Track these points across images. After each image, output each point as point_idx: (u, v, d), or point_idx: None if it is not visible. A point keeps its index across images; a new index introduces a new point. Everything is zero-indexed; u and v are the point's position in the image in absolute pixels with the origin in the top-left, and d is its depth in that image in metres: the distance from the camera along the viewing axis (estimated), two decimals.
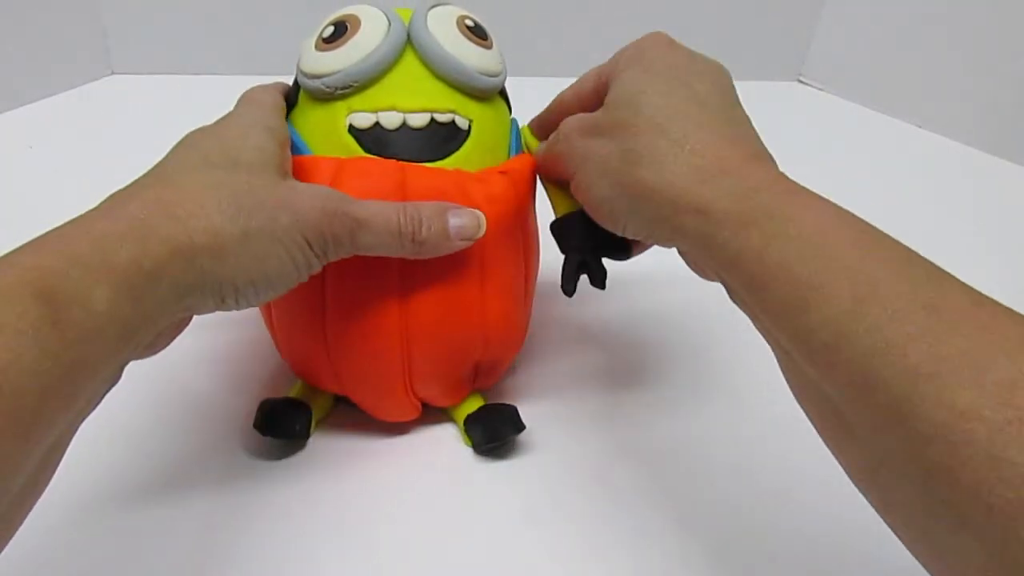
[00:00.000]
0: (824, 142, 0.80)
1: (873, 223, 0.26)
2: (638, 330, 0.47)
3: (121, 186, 0.29)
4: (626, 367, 0.44)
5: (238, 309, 0.29)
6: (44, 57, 0.71)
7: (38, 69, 0.70)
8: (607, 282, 0.38)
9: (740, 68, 1.00)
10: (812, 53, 0.89)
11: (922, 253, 0.44)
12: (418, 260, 0.32)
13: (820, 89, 0.89)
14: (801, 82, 0.90)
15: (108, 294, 0.23)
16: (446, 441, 0.38)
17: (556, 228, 0.37)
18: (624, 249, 0.36)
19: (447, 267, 0.33)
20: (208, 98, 0.75)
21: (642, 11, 0.84)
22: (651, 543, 0.34)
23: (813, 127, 0.83)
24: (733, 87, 0.33)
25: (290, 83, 0.37)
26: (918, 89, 0.80)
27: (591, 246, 0.36)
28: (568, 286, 0.36)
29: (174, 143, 0.32)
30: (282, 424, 0.36)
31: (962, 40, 0.77)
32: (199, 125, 0.34)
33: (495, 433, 0.37)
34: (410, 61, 0.34)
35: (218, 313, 0.45)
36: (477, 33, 0.35)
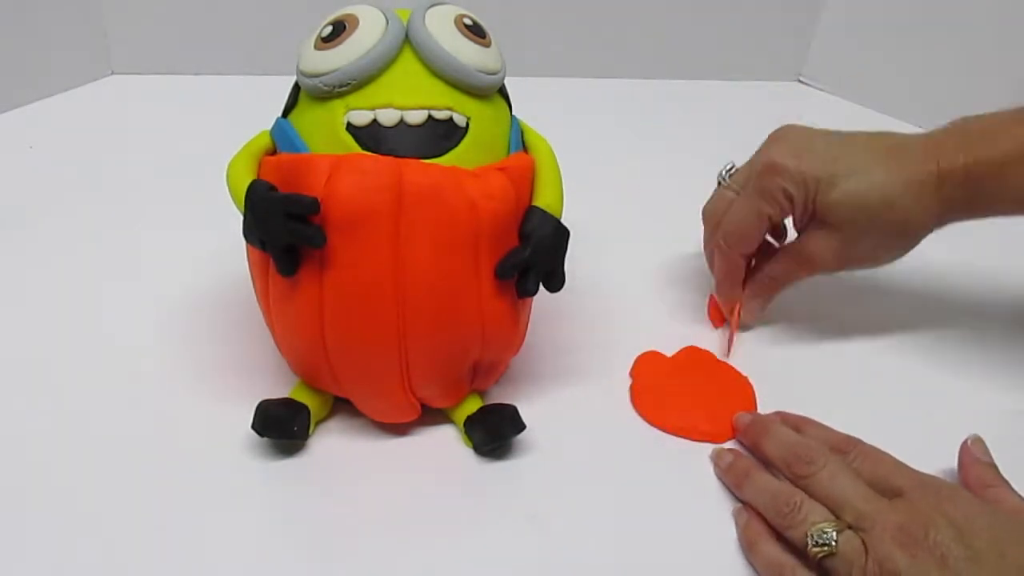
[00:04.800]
0: None
1: None
2: (639, 330, 0.47)
3: (121, 185, 0.30)
4: (626, 366, 0.44)
5: None
6: (44, 57, 0.70)
7: (38, 69, 0.70)
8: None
9: (740, 68, 1.00)
10: (812, 53, 0.88)
11: (921, 252, 0.45)
12: (415, 259, 0.32)
13: (820, 89, 0.88)
14: (801, 82, 0.90)
15: None
16: (446, 442, 0.38)
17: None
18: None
19: (444, 265, 0.33)
20: (208, 98, 0.75)
21: (642, 11, 0.84)
22: (653, 543, 0.34)
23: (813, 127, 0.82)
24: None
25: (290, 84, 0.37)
26: (918, 89, 0.80)
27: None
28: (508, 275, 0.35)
29: (174, 143, 0.32)
30: (280, 425, 0.36)
31: (962, 40, 0.76)
32: (199, 125, 0.34)
33: (495, 433, 0.37)
34: (408, 59, 0.34)
35: (216, 311, 0.46)
36: (475, 31, 0.35)
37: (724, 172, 0.46)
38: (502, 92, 0.37)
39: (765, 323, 0.48)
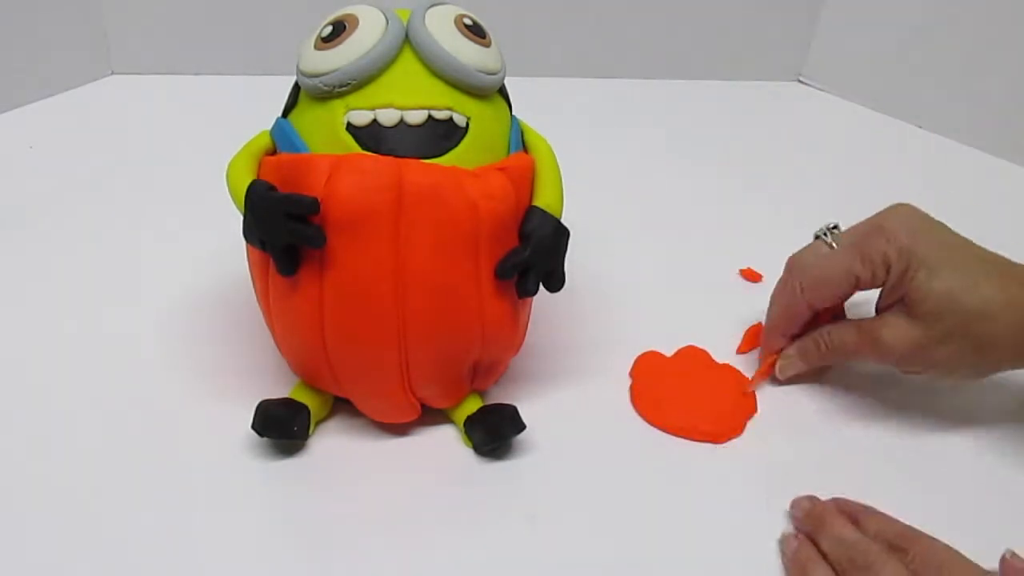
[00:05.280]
0: (824, 142, 0.80)
1: None
2: (639, 330, 0.47)
3: (121, 185, 0.30)
4: (626, 366, 0.44)
5: None
6: (44, 57, 0.71)
7: (38, 69, 0.70)
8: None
9: (740, 68, 1.01)
10: (812, 53, 0.89)
11: None
12: (415, 259, 0.32)
13: (820, 89, 0.88)
14: (801, 82, 0.90)
15: None
16: (446, 442, 0.38)
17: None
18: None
19: (444, 265, 0.33)
20: (208, 98, 0.75)
21: (642, 11, 0.84)
22: (652, 543, 0.34)
23: (813, 127, 0.83)
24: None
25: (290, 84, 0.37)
26: (918, 89, 0.80)
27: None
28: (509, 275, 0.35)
29: (174, 143, 0.32)
30: (280, 425, 0.36)
31: (962, 40, 0.76)
32: (199, 125, 0.34)
33: (495, 433, 0.37)
34: (408, 59, 0.34)
35: (216, 311, 0.46)
36: (475, 31, 0.36)
37: (824, 228, 0.42)
38: (502, 92, 0.37)
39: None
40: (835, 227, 0.42)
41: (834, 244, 0.41)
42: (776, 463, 0.39)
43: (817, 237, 0.42)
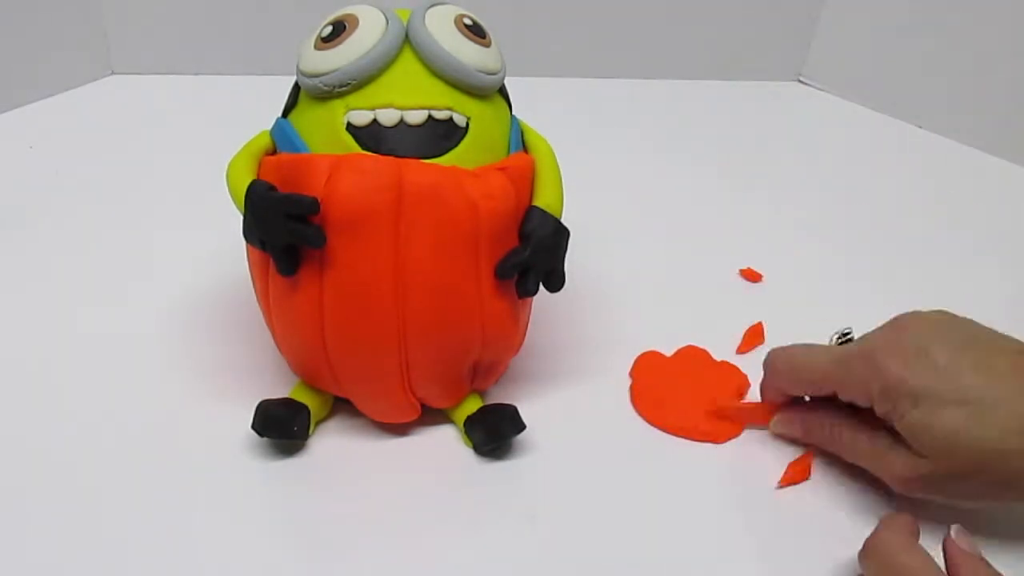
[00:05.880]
0: (824, 142, 0.80)
1: (872, 223, 0.26)
2: (639, 330, 0.47)
3: (121, 185, 0.30)
4: (626, 366, 0.44)
5: None
6: (44, 57, 0.71)
7: (38, 69, 0.70)
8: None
9: (740, 68, 1.01)
10: (812, 53, 0.89)
11: (922, 253, 0.44)
12: (415, 259, 0.32)
13: (820, 89, 0.89)
14: (801, 82, 0.90)
15: None
16: (446, 442, 0.38)
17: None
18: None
19: (444, 265, 0.33)
20: (208, 98, 0.75)
21: (643, 11, 0.84)
22: (652, 543, 0.34)
23: (813, 127, 0.83)
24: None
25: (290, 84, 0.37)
26: (918, 89, 0.80)
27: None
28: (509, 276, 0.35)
29: (174, 143, 0.32)
30: (280, 425, 0.36)
31: (962, 40, 0.76)
32: (199, 125, 0.34)
33: (495, 433, 0.37)
34: (408, 59, 0.34)
35: (216, 311, 0.46)
36: (475, 31, 0.36)
37: (836, 336, 0.39)
38: (502, 92, 0.37)
39: (765, 323, 0.48)
40: (848, 333, 0.38)
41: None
42: (776, 463, 0.39)
43: (829, 342, 0.39)
